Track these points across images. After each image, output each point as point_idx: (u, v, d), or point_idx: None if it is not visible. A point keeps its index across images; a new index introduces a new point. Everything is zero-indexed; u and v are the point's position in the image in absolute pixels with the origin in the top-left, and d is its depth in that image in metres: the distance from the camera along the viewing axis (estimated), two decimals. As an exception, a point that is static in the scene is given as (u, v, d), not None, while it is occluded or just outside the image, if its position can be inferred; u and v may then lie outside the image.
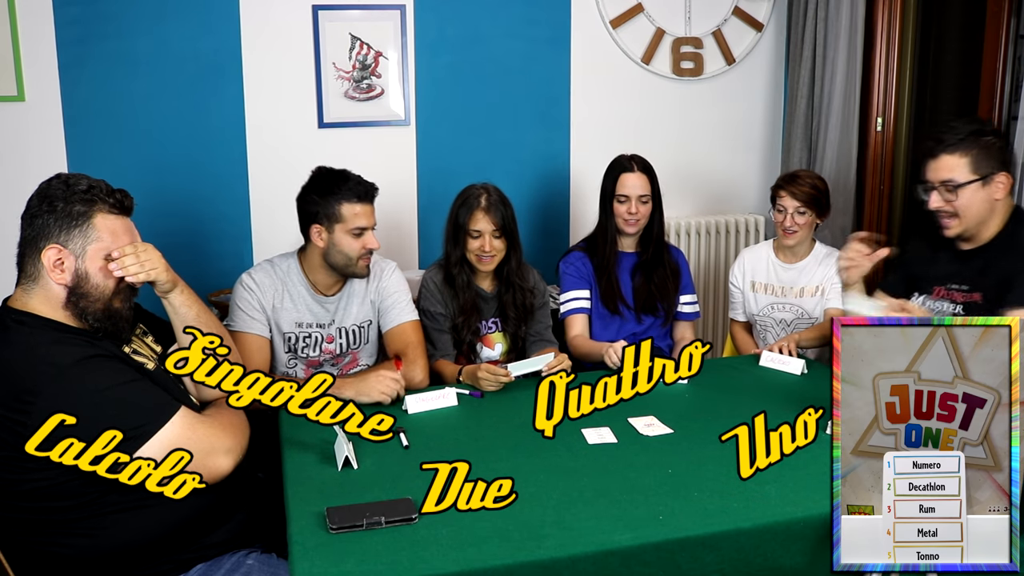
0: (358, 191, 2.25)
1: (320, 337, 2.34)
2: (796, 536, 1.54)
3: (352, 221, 2.24)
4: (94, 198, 1.62)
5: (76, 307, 1.61)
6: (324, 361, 2.37)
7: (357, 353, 2.42)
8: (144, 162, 3.08)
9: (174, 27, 3.04)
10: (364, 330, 2.40)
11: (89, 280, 1.61)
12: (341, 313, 2.37)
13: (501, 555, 1.41)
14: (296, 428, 1.93)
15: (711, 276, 3.69)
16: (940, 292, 2.22)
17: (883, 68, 3.46)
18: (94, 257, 1.61)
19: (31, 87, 2.95)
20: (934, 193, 2.12)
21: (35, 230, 1.60)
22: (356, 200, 2.24)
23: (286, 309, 2.30)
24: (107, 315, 1.63)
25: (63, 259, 1.59)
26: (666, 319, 2.75)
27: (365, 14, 3.21)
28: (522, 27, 3.38)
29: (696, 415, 2.05)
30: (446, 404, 2.12)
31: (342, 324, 2.37)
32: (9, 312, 1.61)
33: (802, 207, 2.62)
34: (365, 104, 3.27)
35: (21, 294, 1.62)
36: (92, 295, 1.61)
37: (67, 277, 1.60)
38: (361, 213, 2.25)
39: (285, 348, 2.32)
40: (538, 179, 3.50)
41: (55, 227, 1.59)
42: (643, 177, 2.68)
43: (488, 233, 2.45)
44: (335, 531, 1.47)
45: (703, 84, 3.63)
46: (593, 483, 1.67)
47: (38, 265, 1.60)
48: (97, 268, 1.62)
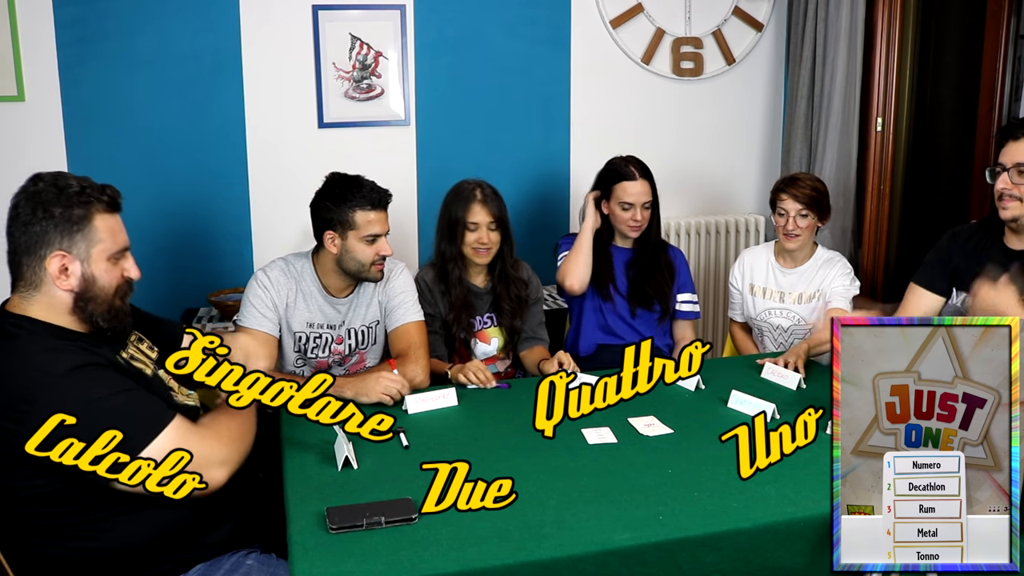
0: (372, 198, 2.23)
1: (330, 338, 2.34)
2: (796, 536, 1.54)
3: (365, 228, 2.22)
4: (90, 199, 1.59)
5: (83, 311, 1.59)
6: (333, 363, 2.37)
7: (364, 353, 2.42)
8: (144, 162, 3.08)
9: (174, 27, 3.04)
10: (372, 330, 2.40)
11: (96, 283, 1.59)
12: (351, 314, 2.36)
13: (501, 555, 1.41)
14: (296, 428, 1.93)
15: (711, 276, 3.69)
16: None
17: (883, 68, 3.46)
18: (98, 259, 1.60)
19: (31, 87, 2.95)
20: (1004, 174, 2.12)
21: (32, 237, 1.56)
22: (370, 207, 2.22)
23: (298, 308, 2.29)
24: (112, 314, 1.62)
25: (67, 265, 1.57)
26: (662, 316, 2.75)
27: (365, 14, 3.21)
28: (522, 27, 3.38)
29: (696, 415, 2.05)
30: (446, 404, 2.12)
31: (351, 325, 2.37)
32: (7, 317, 1.58)
33: (804, 209, 2.60)
34: (365, 104, 3.27)
35: (19, 300, 1.59)
36: (99, 297, 1.60)
37: (73, 283, 1.58)
38: (375, 220, 2.23)
39: (294, 347, 2.31)
40: (538, 179, 3.50)
41: (55, 233, 1.56)
42: (645, 184, 2.68)
43: (485, 225, 2.46)
44: (335, 531, 1.47)
45: (703, 84, 3.63)
46: (593, 483, 1.67)
47: (40, 273, 1.56)
48: (103, 270, 1.60)
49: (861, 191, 3.51)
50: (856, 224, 3.50)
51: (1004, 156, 2.14)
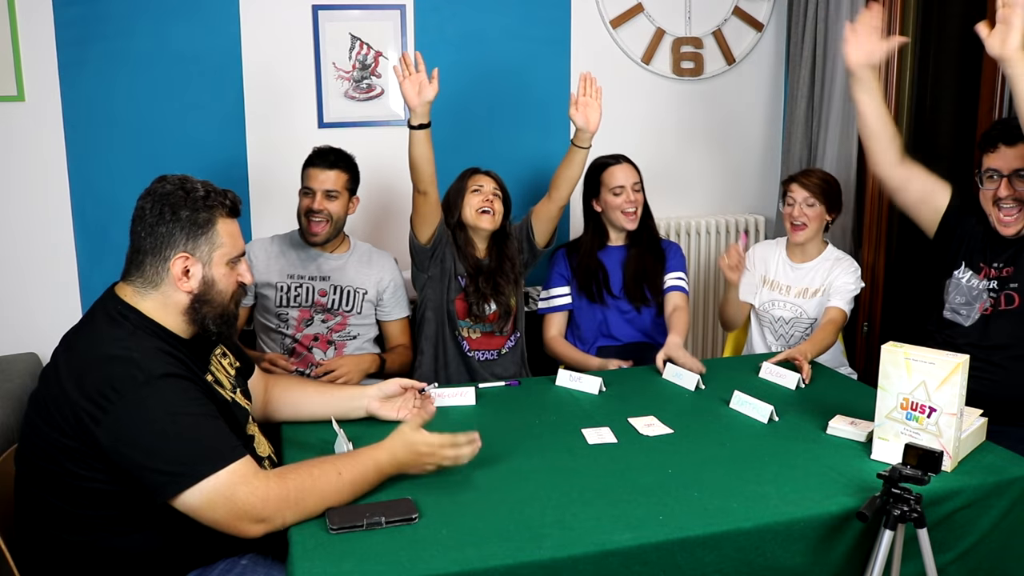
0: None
1: (312, 289, 2.62)
2: (796, 536, 1.54)
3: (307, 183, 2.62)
4: (214, 203, 1.64)
5: (197, 313, 1.63)
6: (315, 314, 2.62)
7: (348, 317, 2.63)
8: (144, 162, 3.07)
9: (174, 27, 3.04)
10: (358, 298, 2.64)
11: (215, 286, 1.64)
12: (339, 273, 2.64)
13: (501, 555, 1.41)
14: (296, 428, 1.94)
15: (711, 276, 3.68)
16: (988, 273, 2.23)
17: (883, 68, 3.46)
18: (219, 263, 1.64)
19: (31, 87, 2.94)
20: (1004, 181, 2.09)
21: (158, 239, 1.60)
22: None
23: (279, 263, 2.63)
24: (224, 319, 1.66)
25: (190, 267, 1.61)
26: (659, 309, 2.76)
27: (365, 14, 3.21)
28: (522, 27, 3.38)
29: (696, 415, 2.05)
30: (464, 403, 2.13)
31: (338, 282, 2.64)
32: (117, 302, 1.61)
33: (811, 198, 2.62)
34: (365, 104, 3.27)
35: (132, 292, 1.62)
36: (215, 301, 1.64)
37: (194, 284, 1.61)
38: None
39: (276, 301, 2.61)
40: (538, 179, 3.50)
41: (181, 236, 1.60)
42: (630, 167, 2.72)
43: (490, 190, 2.60)
44: (335, 531, 1.47)
45: (703, 84, 3.63)
46: (593, 483, 1.67)
47: (162, 274, 1.60)
48: (222, 274, 1.65)
49: (861, 191, 3.50)
50: (856, 224, 3.50)
51: (999, 161, 2.10)
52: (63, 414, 1.49)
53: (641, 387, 2.26)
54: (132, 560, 1.57)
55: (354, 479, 1.57)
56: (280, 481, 1.51)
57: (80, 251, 3.07)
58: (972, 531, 1.67)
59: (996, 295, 2.22)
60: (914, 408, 1.73)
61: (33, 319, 3.01)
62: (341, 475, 1.56)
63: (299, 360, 2.61)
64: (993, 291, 2.23)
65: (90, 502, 1.53)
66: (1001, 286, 2.22)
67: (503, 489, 1.65)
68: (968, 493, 1.66)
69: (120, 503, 1.54)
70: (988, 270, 2.24)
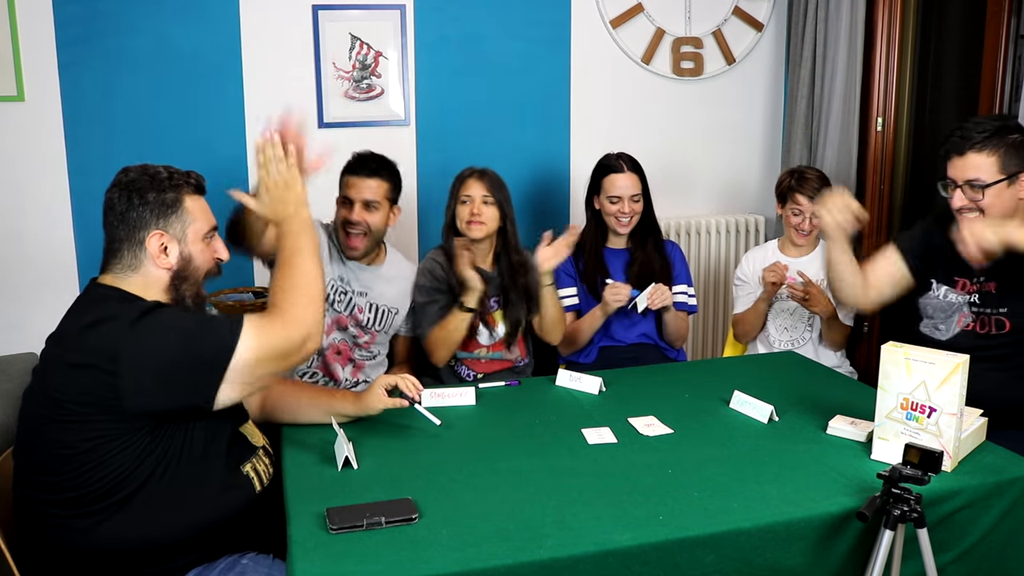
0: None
1: (352, 303, 2.49)
2: (796, 536, 1.54)
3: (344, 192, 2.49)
4: (179, 182, 1.68)
5: (177, 291, 1.66)
6: (351, 325, 2.51)
7: (377, 336, 2.54)
8: (143, 162, 3.06)
9: (174, 27, 3.04)
10: (390, 318, 2.53)
11: (192, 262, 1.67)
12: (375, 290, 2.52)
13: (501, 555, 1.41)
14: (296, 428, 1.94)
15: (711, 276, 3.68)
16: (965, 286, 2.18)
17: (883, 68, 3.46)
18: (195, 240, 1.68)
19: (31, 87, 2.94)
20: (958, 191, 2.06)
21: (130, 224, 1.63)
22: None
23: (328, 263, 2.46)
24: (198, 299, 1.70)
25: (166, 244, 1.64)
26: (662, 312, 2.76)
27: (365, 14, 3.21)
28: (522, 27, 3.38)
29: (696, 415, 2.05)
30: (463, 403, 2.13)
31: (374, 300, 2.52)
32: (98, 287, 1.65)
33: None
34: (365, 104, 3.27)
35: (112, 278, 1.65)
36: (192, 277, 1.68)
37: (172, 261, 1.65)
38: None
39: None
40: (538, 179, 3.50)
41: (151, 216, 1.63)
42: (633, 177, 2.70)
43: (478, 198, 2.50)
44: (335, 531, 1.47)
45: (703, 84, 3.63)
46: (593, 483, 1.67)
47: (140, 255, 1.63)
48: (198, 250, 1.68)
49: (861, 191, 3.50)
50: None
51: (954, 172, 2.05)
52: (76, 387, 1.50)
53: (641, 387, 2.26)
54: (133, 558, 1.57)
55: (297, 247, 1.69)
56: (279, 296, 1.64)
57: (80, 251, 3.07)
58: (972, 531, 1.67)
59: (979, 312, 2.16)
60: (914, 408, 1.73)
61: (33, 319, 3.01)
62: (294, 263, 1.67)
63: (321, 365, 2.53)
64: (975, 305, 2.16)
65: (93, 494, 1.53)
66: (984, 302, 2.15)
67: (503, 489, 1.65)
68: (968, 493, 1.66)
69: (126, 486, 1.53)
70: (966, 283, 2.18)
